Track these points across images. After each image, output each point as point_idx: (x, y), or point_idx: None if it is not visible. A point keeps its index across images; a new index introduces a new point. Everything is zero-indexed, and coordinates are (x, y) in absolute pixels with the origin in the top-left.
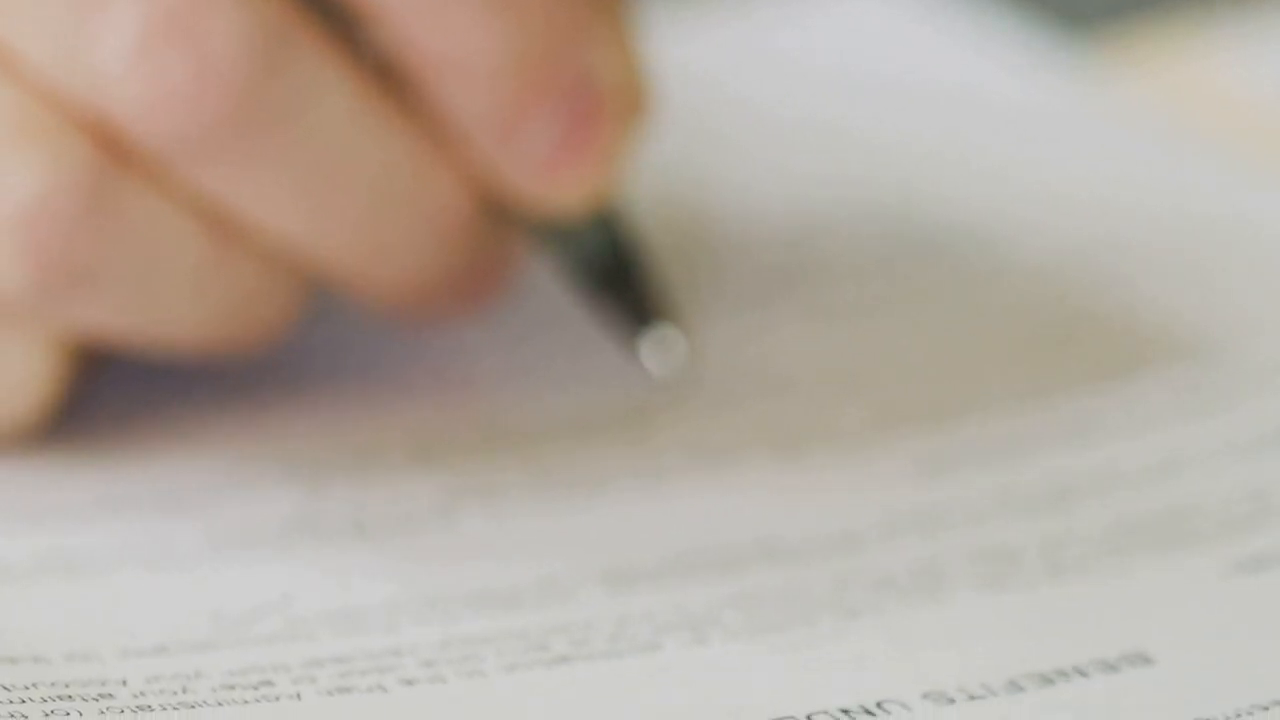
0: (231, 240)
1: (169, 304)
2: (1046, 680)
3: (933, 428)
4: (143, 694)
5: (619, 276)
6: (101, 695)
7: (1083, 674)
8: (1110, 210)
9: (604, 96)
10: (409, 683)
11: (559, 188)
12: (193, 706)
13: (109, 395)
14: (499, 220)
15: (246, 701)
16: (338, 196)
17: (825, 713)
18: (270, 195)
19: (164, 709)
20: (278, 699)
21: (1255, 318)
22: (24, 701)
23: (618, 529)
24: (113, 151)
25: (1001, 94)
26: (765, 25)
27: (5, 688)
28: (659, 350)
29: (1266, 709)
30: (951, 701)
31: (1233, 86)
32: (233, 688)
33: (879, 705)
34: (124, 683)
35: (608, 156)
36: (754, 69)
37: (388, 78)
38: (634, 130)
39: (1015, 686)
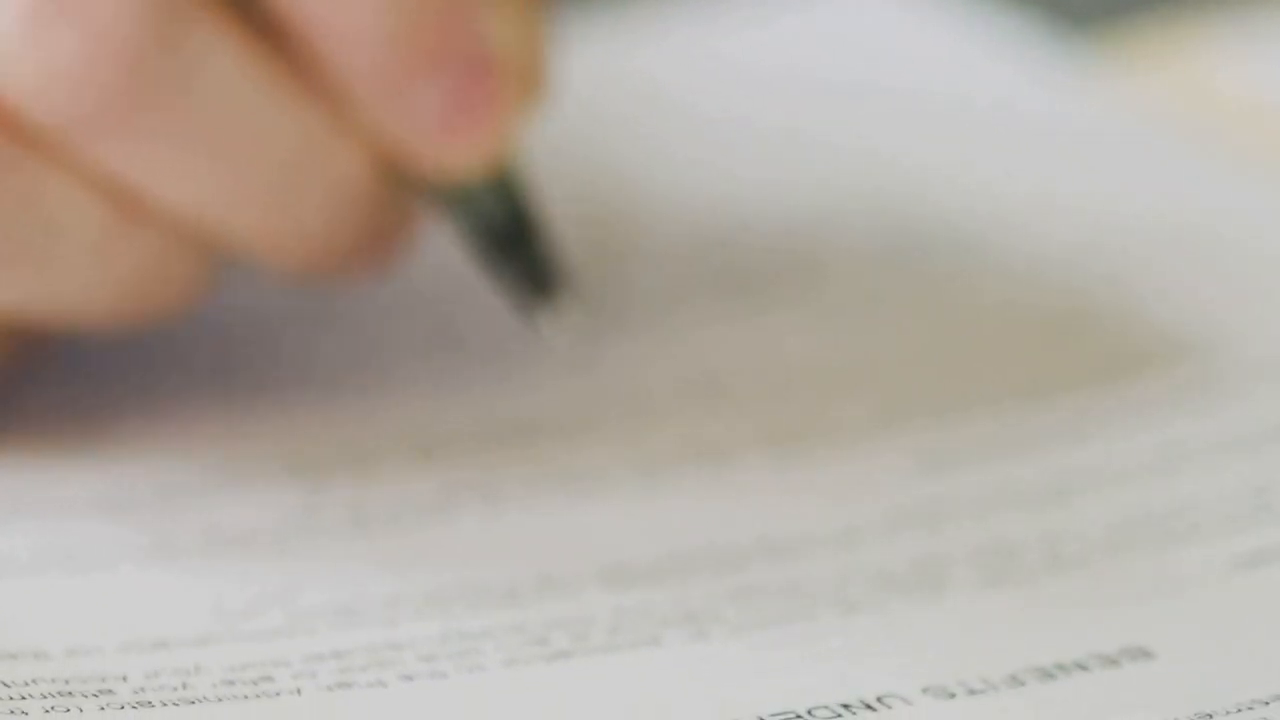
0: (132, 213)
1: (72, 279)
2: (1047, 675)
3: (933, 424)
4: (143, 689)
5: (516, 244)
6: (102, 691)
7: (1083, 668)
8: (1110, 209)
9: (496, 64)
10: (408, 678)
11: (451, 152)
12: (193, 702)
13: (109, 390)
14: (399, 185)
15: (246, 697)
16: (236, 167)
17: (826, 707)
18: (168, 168)
19: (164, 705)
20: (278, 694)
21: (1255, 315)
22: (24, 698)
23: (617, 524)
24: (7, 128)
25: (1001, 93)
26: (763, 27)
27: (5, 684)
28: (555, 320)
29: (1267, 704)
30: (952, 696)
31: (1233, 86)
32: (233, 683)
33: (879, 700)
34: (124, 678)
35: (501, 123)
36: (751, 72)
37: (285, 46)
38: (530, 100)
39: (1016, 681)
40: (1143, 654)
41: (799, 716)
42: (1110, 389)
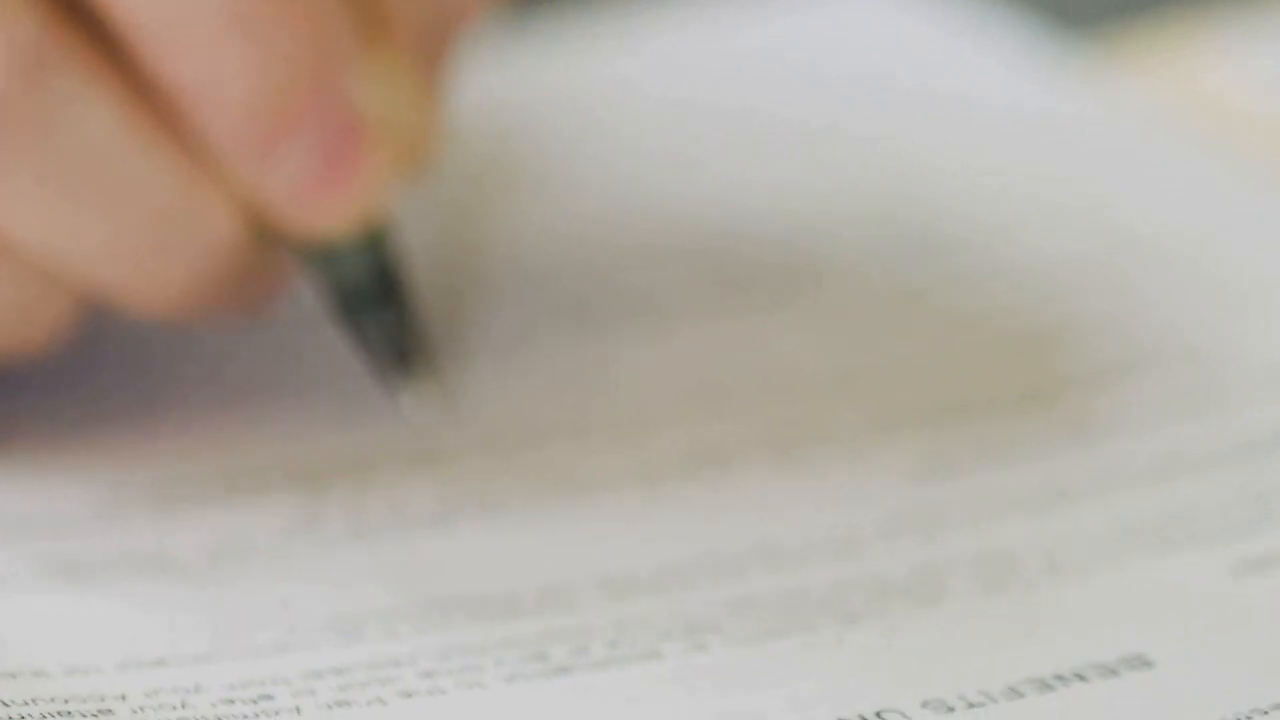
0: None
1: None
2: (1046, 686)
3: (932, 429)
4: (142, 709)
5: (377, 309)
6: (101, 711)
7: (1082, 679)
8: (1110, 211)
9: (364, 127)
10: (408, 695)
11: (315, 213)
12: None
13: (105, 402)
14: (268, 238)
15: (245, 716)
16: (99, 215)
17: None
18: (30, 213)
19: None
20: (277, 713)
21: (1254, 321)
22: (24, 718)
23: (616, 533)
24: None
25: (1001, 94)
26: (760, 26)
27: (5, 703)
28: (411, 389)
29: (1267, 713)
30: (951, 710)
31: (1232, 87)
32: (232, 702)
33: (878, 714)
34: (123, 697)
35: (368, 186)
36: (749, 71)
37: (157, 100)
38: (407, 163)
39: (1014, 693)
40: (1142, 663)
41: None
42: (1109, 392)
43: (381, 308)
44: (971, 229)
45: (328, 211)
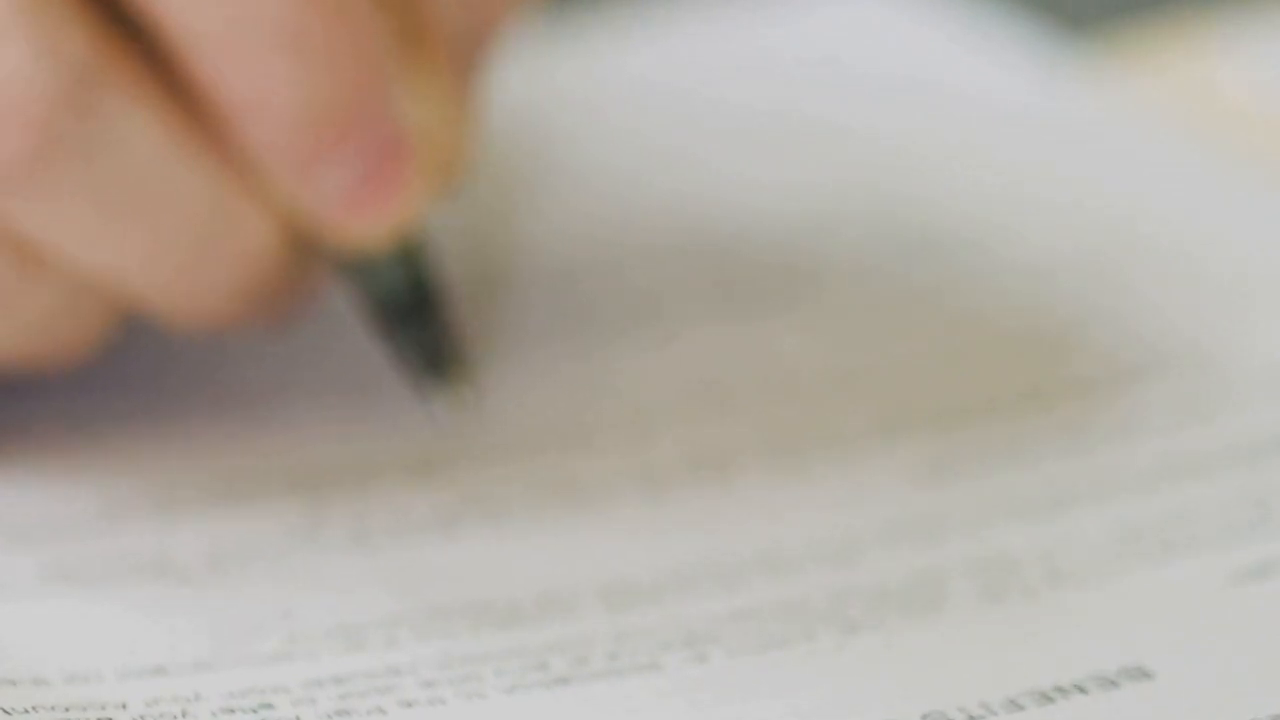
0: (36, 266)
1: None
2: (1046, 698)
3: (933, 433)
4: (142, 717)
5: (413, 321)
6: (101, 719)
7: (1082, 690)
8: (1110, 212)
9: (407, 143)
10: (408, 704)
11: (355, 227)
12: None
13: (107, 407)
14: (305, 249)
15: None
16: (143, 231)
17: None
18: (74, 228)
19: None
20: None
21: (1256, 322)
22: None
23: (617, 541)
24: None
25: (1001, 94)
26: (760, 25)
27: (6, 711)
28: (446, 399)
29: None
30: None
31: (1233, 86)
32: (232, 710)
33: None
34: (124, 706)
35: (407, 201)
36: (749, 70)
37: (199, 113)
38: (444, 180)
39: (1014, 705)
40: (1142, 674)
41: None
42: (1109, 397)
43: (417, 319)
44: (972, 229)
45: (367, 225)
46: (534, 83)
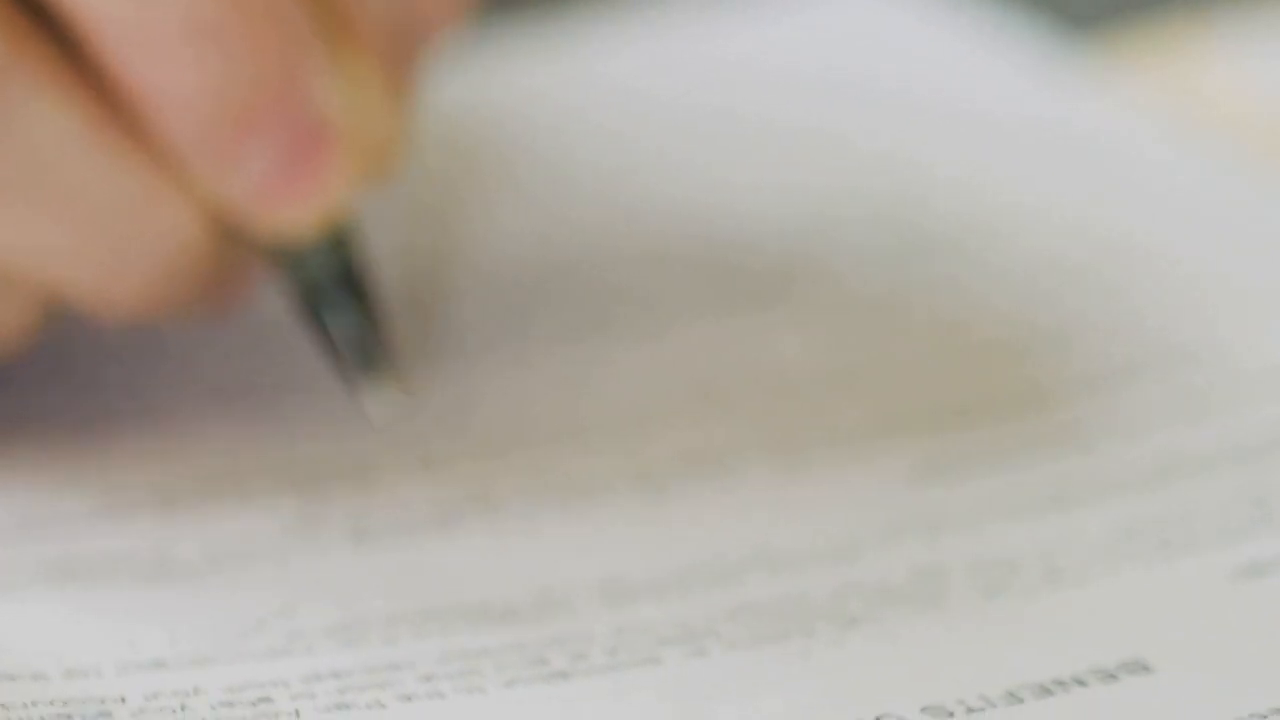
0: None
1: None
2: (1045, 691)
3: (930, 432)
4: (142, 712)
5: (339, 310)
6: (101, 714)
7: (1081, 684)
8: (1109, 212)
9: (328, 131)
10: (407, 699)
11: (278, 215)
12: None
13: (104, 404)
14: (232, 239)
15: (245, 718)
16: (56, 221)
17: None
18: None
19: None
20: (276, 716)
21: (1255, 321)
22: None
23: (616, 537)
24: None
25: (999, 95)
26: (756, 27)
27: (4, 706)
28: (373, 390)
29: (1266, 718)
30: (950, 715)
31: (1233, 86)
32: (231, 705)
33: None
34: (123, 700)
35: (332, 188)
36: (744, 72)
37: (118, 101)
38: (373, 168)
39: (1014, 698)
40: (1141, 668)
41: None
42: (1108, 395)
43: (344, 308)
44: (968, 231)
45: (290, 212)
46: (524, 84)
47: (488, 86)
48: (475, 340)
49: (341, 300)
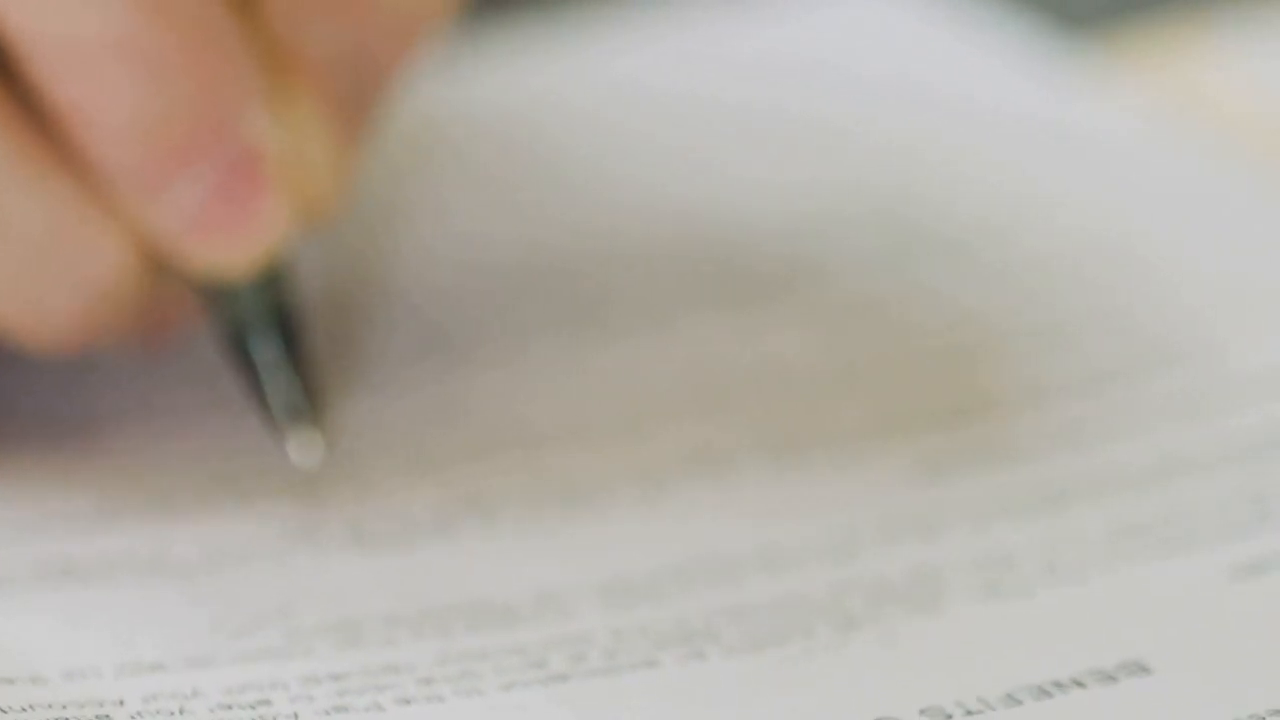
0: None
1: None
2: (1043, 693)
3: (930, 431)
4: (140, 714)
5: (267, 349)
6: (99, 716)
7: (1080, 685)
8: (1109, 211)
9: (261, 166)
10: (406, 701)
11: (207, 250)
12: None
13: (103, 405)
14: (163, 270)
15: None
16: None
17: None
18: None
19: None
20: (275, 718)
21: (1254, 320)
22: None
23: (615, 538)
24: None
25: (1000, 94)
26: (760, 25)
27: (3, 710)
28: (295, 434)
29: (1265, 718)
30: (949, 717)
31: (1233, 86)
32: (230, 707)
33: None
34: (121, 702)
35: (264, 226)
36: (748, 70)
37: (48, 129)
38: (310, 205)
39: (1012, 700)
40: (1140, 669)
41: None
42: (1107, 394)
43: (271, 349)
44: (969, 229)
45: (220, 248)
46: (532, 81)
47: (488, 86)
48: (474, 340)
49: (269, 340)
